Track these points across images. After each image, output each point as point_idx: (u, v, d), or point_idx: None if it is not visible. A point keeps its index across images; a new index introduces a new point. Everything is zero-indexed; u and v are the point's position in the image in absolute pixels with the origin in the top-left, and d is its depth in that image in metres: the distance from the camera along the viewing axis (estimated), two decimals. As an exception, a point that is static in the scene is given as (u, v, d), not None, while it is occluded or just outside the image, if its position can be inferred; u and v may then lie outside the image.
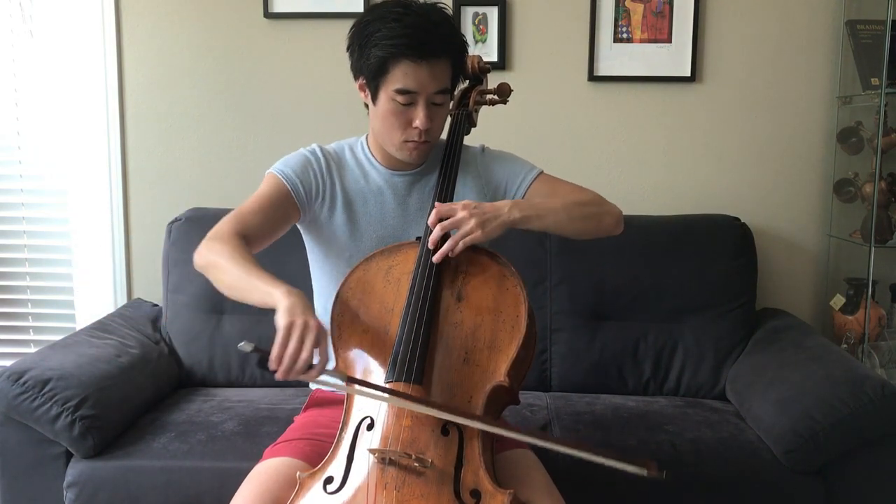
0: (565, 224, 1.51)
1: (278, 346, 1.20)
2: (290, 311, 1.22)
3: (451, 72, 1.50)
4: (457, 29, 1.53)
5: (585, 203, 1.56)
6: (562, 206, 1.52)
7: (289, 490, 1.31)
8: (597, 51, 2.48)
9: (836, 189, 2.46)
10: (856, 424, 1.77)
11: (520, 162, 1.67)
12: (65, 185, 2.62)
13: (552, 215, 1.49)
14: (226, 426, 1.94)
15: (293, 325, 1.21)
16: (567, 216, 1.51)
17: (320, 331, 1.23)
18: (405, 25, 1.42)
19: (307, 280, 1.71)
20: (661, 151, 2.54)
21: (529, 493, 1.36)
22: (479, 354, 1.36)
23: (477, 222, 1.39)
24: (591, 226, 1.55)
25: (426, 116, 1.48)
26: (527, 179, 1.62)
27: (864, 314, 2.35)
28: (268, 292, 1.28)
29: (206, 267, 1.42)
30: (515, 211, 1.44)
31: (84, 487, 1.82)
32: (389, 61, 1.44)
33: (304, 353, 1.20)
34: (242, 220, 1.48)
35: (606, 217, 1.57)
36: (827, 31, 2.45)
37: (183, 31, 2.55)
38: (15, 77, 2.62)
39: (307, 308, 1.25)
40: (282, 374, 1.20)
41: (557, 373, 2.28)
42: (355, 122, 2.31)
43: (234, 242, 1.41)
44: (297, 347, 1.20)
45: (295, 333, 1.20)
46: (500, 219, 1.42)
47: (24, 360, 1.93)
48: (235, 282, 1.35)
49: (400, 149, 1.53)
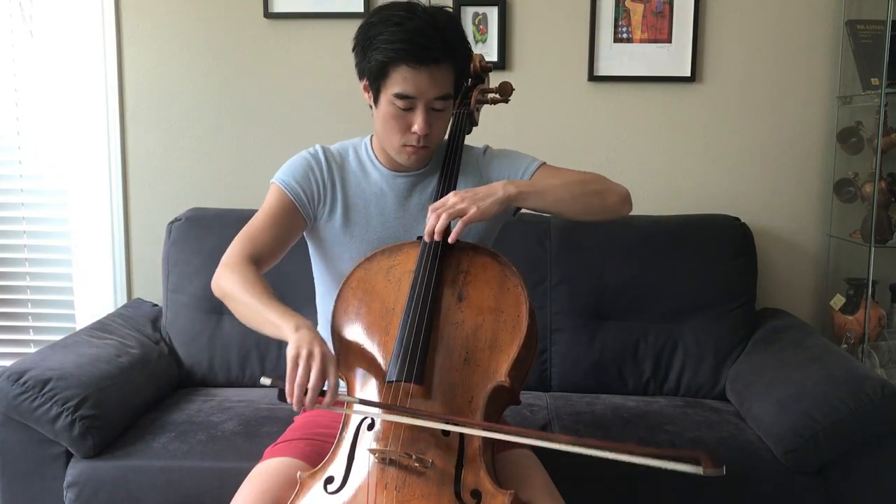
0: (567, 202, 1.49)
1: (289, 378, 1.24)
2: (297, 344, 1.26)
3: (454, 77, 1.48)
4: (462, 33, 1.50)
5: (588, 181, 1.53)
6: (562, 184, 1.50)
7: (289, 490, 1.31)
8: (597, 51, 2.48)
9: (836, 189, 2.46)
10: (856, 424, 1.77)
11: (521, 156, 1.65)
12: (65, 185, 2.62)
13: (552, 192, 1.48)
14: (226, 426, 1.94)
15: (299, 356, 1.24)
16: (569, 193, 1.49)
17: (326, 358, 1.26)
18: (406, 30, 1.40)
19: (308, 279, 1.71)
20: (661, 151, 2.54)
21: (530, 493, 1.36)
22: (480, 354, 1.36)
23: (470, 202, 1.40)
24: (596, 204, 1.52)
25: (425, 122, 1.46)
26: (528, 171, 1.60)
27: (864, 314, 2.35)
28: (278, 326, 1.32)
29: (223, 297, 1.47)
30: (511, 187, 1.43)
31: (84, 487, 1.82)
32: (389, 66, 1.43)
33: (313, 380, 1.23)
34: (253, 240, 1.51)
35: (610, 195, 1.54)
36: (827, 31, 2.46)
37: (183, 31, 2.55)
38: (15, 77, 2.62)
39: (314, 339, 1.28)
40: (296, 405, 1.24)
41: (557, 373, 2.28)
42: (355, 122, 2.31)
43: (244, 271, 1.44)
44: (305, 376, 1.23)
45: (301, 363, 1.24)
46: (496, 196, 1.42)
47: (24, 360, 1.93)
48: (249, 314, 1.40)
49: (399, 152, 1.53)
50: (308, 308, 2.08)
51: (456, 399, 1.32)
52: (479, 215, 1.40)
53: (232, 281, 1.43)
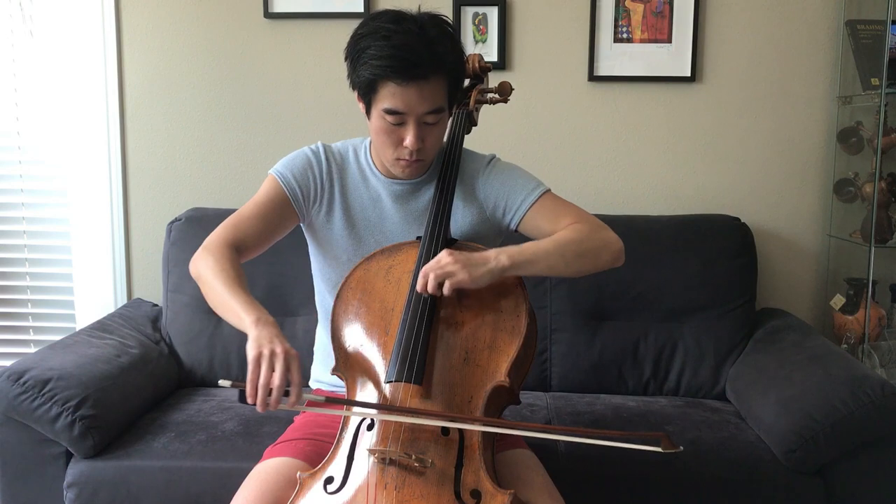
0: (561, 267, 1.44)
1: (250, 379, 1.22)
2: (257, 342, 1.24)
3: (446, 90, 1.43)
4: (456, 43, 1.44)
5: (581, 240, 1.46)
6: (554, 248, 1.44)
7: (289, 490, 1.32)
8: (597, 51, 2.48)
9: (836, 189, 2.46)
10: (856, 424, 1.76)
11: (524, 179, 1.58)
12: (65, 185, 2.62)
13: (544, 259, 1.42)
14: (226, 426, 1.94)
15: (261, 355, 1.22)
16: (562, 259, 1.43)
17: (289, 355, 1.23)
18: (392, 45, 1.36)
19: (308, 279, 1.71)
20: (661, 151, 2.54)
21: (529, 493, 1.36)
22: (480, 354, 1.36)
23: (462, 267, 1.35)
24: (588, 264, 1.48)
25: (416, 137, 1.43)
26: (527, 200, 1.54)
27: (864, 314, 2.35)
28: (240, 318, 1.30)
29: (197, 279, 1.45)
30: (504, 258, 1.38)
31: (84, 487, 1.82)
32: (377, 82, 1.39)
33: (276, 380, 1.21)
34: (239, 227, 1.49)
35: (605, 253, 1.49)
36: (827, 31, 2.45)
37: (183, 31, 2.55)
38: (15, 77, 2.62)
39: (275, 336, 1.25)
40: (260, 406, 1.21)
41: (557, 373, 2.28)
42: (355, 122, 2.30)
43: (222, 256, 1.42)
44: (269, 376, 1.21)
45: (264, 363, 1.22)
46: (488, 266, 1.36)
47: (24, 360, 1.93)
48: (216, 300, 1.38)
49: (394, 165, 1.51)
50: (308, 307, 2.09)
51: (455, 399, 1.33)
52: (470, 283, 1.35)
53: (207, 265, 1.41)
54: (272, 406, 1.22)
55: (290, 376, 1.22)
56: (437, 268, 1.36)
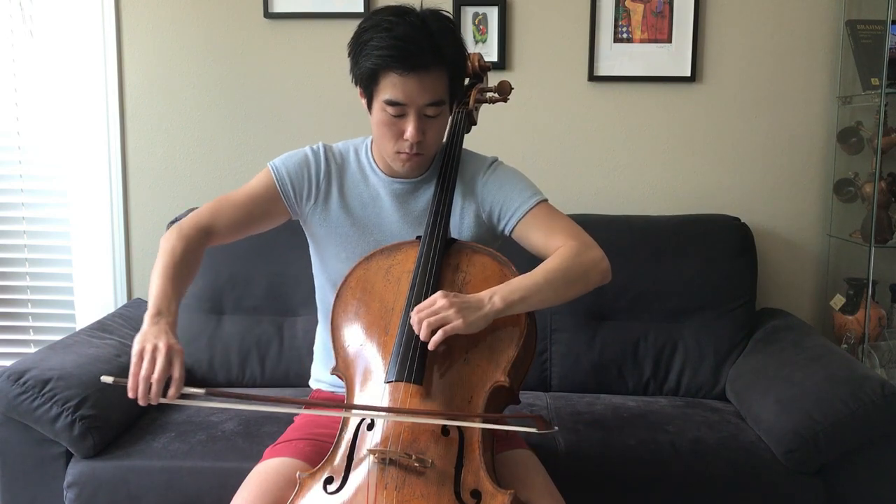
0: (552, 299, 1.43)
1: (131, 373, 1.25)
2: (143, 337, 1.28)
3: (447, 83, 1.44)
4: (457, 38, 1.47)
5: (568, 267, 1.44)
6: (545, 281, 1.40)
7: (289, 490, 1.32)
8: (597, 51, 2.48)
9: (836, 189, 2.46)
10: (856, 424, 1.76)
11: (522, 186, 1.57)
12: (65, 185, 2.62)
13: (536, 295, 1.39)
14: (226, 426, 1.94)
15: (143, 350, 1.26)
16: (552, 291, 1.41)
17: (172, 350, 1.26)
18: (394, 36, 1.38)
19: (308, 278, 1.71)
20: (661, 151, 2.54)
21: (529, 494, 1.36)
22: (480, 354, 1.36)
23: (456, 311, 1.32)
24: (579, 288, 1.46)
25: (417, 129, 1.43)
26: (522, 208, 1.53)
27: (864, 314, 2.35)
28: (148, 306, 1.35)
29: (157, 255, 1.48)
30: (497, 300, 1.35)
31: (84, 487, 1.82)
32: (378, 72, 1.41)
33: (157, 373, 1.24)
34: (219, 210, 1.53)
35: (592, 274, 1.47)
36: (827, 31, 2.45)
37: (183, 31, 2.55)
38: (15, 77, 2.62)
39: (161, 332, 1.29)
40: (141, 400, 1.25)
41: (557, 373, 2.28)
42: (355, 122, 2.31)
43: (184, 239, 1.46)
44: (149, 371, 1.24)
45: (146, 357, 1.25)
46: (483, 311, 1.33)
47: (24, 360, 1.93)
48: (150, 280, 1.42)
49: (394, 159, 1.51)
50: (308, 307, 2.09)
51: (455, 398, 1.33)
52: (465, 328, 1.31)
53: (167, 243, 1.46)
54: (153, 399, 1.25)
55: (172, 371, 1.26)
56: (431, 313, 1.32)
